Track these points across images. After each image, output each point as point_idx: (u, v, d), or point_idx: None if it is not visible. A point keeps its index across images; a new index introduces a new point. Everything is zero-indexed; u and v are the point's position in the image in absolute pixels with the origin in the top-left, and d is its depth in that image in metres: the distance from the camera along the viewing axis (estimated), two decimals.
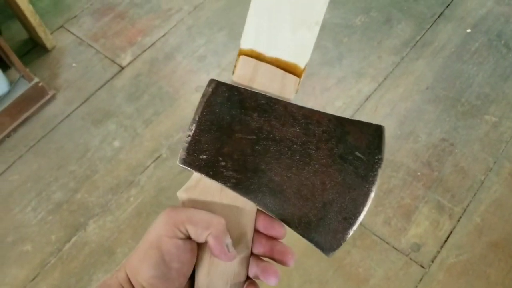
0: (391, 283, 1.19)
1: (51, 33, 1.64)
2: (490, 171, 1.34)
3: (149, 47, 1.63)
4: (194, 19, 1.70)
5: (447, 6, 1.69)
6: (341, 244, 0.41)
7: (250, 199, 0.42)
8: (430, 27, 1.64)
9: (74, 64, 1.60)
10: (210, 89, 0.43)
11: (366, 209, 0.41)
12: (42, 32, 1.56)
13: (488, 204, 1.29)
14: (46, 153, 1.43)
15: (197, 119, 0.43)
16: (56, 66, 1.60)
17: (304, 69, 0.44)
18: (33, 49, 1.63)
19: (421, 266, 1.21)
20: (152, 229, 0.41)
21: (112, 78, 1.56)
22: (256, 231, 0.43)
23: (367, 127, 0.42)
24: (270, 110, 0.43)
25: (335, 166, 0.41)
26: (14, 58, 1.42)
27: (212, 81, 0.44)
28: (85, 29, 1.68)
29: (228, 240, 0.40)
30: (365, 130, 0.42)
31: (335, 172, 0.41)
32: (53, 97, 1.51)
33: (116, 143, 1.43)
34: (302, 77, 0.44)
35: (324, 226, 0.41)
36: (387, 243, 1.24)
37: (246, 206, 0.43)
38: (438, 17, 1.66)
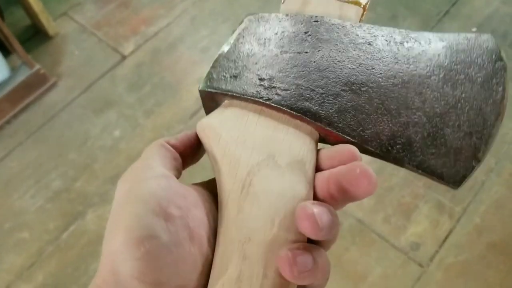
0: (389, 281, 1.19)
1: (54, 20, 1.63)
2: (491, 171, 1.33)
3: (152, 37, 1.62)
4: (198, 10, 1.69)
5: (453, 4, 1.67)
6: (472, 168, 0.31)
7: (309, 117, 0.32)
8: (436, 25, 1.63)
9: (76, 52, 1.59)
10: (247, 20, 0.36)
11: (500, 118, 0.32)
12: (45, 19, 1.55)
13: (488, 204, 1.28)
14: (46, 140, 1.42)
15: (231, 42, 0.35)
16: (58, 54, 1.58)
17: (366, 4, 0.37)
18: (35, 35, 1.62)
19: (420, 265, 1.21)
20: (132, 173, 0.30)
21: (114, 67, 1.55)
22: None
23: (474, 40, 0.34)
24: (329, 29, 0.35)
25: (435, 76, 0.33)
26: (16, 44, 1.41)
27: (248, 14, 0.37)
28: (88, 16, 1.67)
29: None
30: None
31: (438, 83, 0.32)
32: (54, 85, 1.50)
33: (117, 133, 1.43)
34: (365, 11, 0.37)
35: (437, 145, 0.31)
36: (386, 241, 1.24)
37: (301, 131, 0.32)
38: (444, 15, 1.65)
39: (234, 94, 0.33)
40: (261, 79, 0.33)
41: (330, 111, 0.32)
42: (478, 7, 1.67)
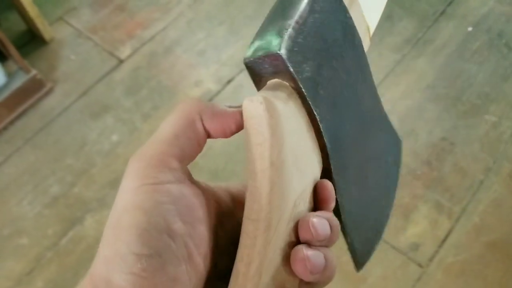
0: (389, 282, 1.19)
1: (50, 25, 1.62)
2: (489, 171, 1.34)
3: (148, 41, 1.62)
4: (194, 13, 1.69)
5: (449, 4, 1.68)
6: (370, 257, 0.34)
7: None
8: (432, 25, 1.63)
9: (72, 57, 1.58)
10: None
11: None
12: (41, 24, 1.55)
13: (487, 204, 1.29)
14: (43, 146, 1.42)
15: (302, 15, 0.30)
16: (54, 58, 1.58)
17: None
18: (31, 40, 1.62)
19: (419, 265, 1.21)
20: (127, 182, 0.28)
21: (110, 71, 1.55)
22: None
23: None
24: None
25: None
26: (12, 49, 1.41)
27: None
28: (84, 21, 1.66)
29: None
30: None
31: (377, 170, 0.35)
32: (51, 90, 1.50)
33: (114, 137, 1.42)
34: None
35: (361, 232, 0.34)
36: (386, 242, 1.24)
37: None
38: (440, 14, 1.65)
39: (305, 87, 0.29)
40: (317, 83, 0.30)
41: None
42: (474, 7, 1.67)
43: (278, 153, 0.27)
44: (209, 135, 0.30)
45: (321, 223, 0.28)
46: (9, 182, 1.36)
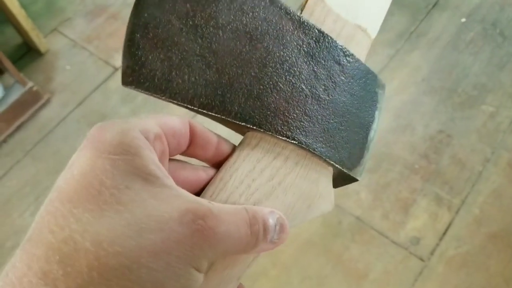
0: (391, 277, 1.19)
1: (45, 37, 1.64)
2: (488, 161, 1.33)
3: None
4: None
5: None
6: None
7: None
8: (424, 17, 1.63)
9: (68, 67, 1.60)
10: None
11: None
12: (35, 36, 1.56)
13: (486, 195, 1.28)
14: (43, 157, 1.43)
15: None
16: (50, 70, 1.59)
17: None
18: (27, 53, 1.63)
19: (421, 259, 1.21)
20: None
21: (106, 79, 1.56)
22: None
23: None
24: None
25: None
26: (8, 63, 1.42)
27: None
28: (79, 31, 1.68)
29: None
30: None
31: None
32: (48, 101, 1.51)
33: None
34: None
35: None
36: (386, 237, 1.24)
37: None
38: (433, 7, 1.65)
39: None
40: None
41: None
42: None
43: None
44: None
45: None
46: (11, 195, 1.37)
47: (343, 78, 0.34)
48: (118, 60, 1.60)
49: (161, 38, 0.31)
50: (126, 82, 0.31)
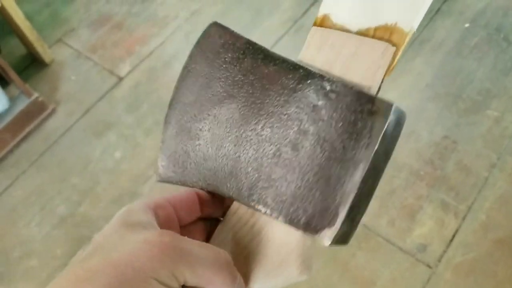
0: (398, 285, 1.19)
1: (49, 47, 1.65)
2: (493, 167, 1.33)
3: (147, 56, 1.63)
4: (191, 26, 1.70)
5: (444, 1, 1.67)
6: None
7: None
8: (427, 24, 1.63)
9: (73, 77, 1.60)
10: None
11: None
12: (40, 47, 1.57)
13: (492, 200, 1.28)
14: (48, 167, 1.43)
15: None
16: (55, 80, 1.60)
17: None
18: (32, 64, 1.64)
19: (428, 266, 1.20)
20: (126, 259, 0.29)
21: (111, 89, 1.56)
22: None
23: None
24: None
25: None
26: (13, 74, 1.43)
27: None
28: (83, 41, 1.69)
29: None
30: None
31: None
32: (53, 111, 1.52)
33: (118, 154, 1.44)
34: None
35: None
36: (392, 244, 1.23)
37: None
38: (436, 13, 1.65)
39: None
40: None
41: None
42: (470, 2, 1.67)
43: None
44: None
45: None
46: (16, 205, 1.38)
47: (319, 123, 0.33)
48: (122, 69, 1.60)
49: None
50: None
